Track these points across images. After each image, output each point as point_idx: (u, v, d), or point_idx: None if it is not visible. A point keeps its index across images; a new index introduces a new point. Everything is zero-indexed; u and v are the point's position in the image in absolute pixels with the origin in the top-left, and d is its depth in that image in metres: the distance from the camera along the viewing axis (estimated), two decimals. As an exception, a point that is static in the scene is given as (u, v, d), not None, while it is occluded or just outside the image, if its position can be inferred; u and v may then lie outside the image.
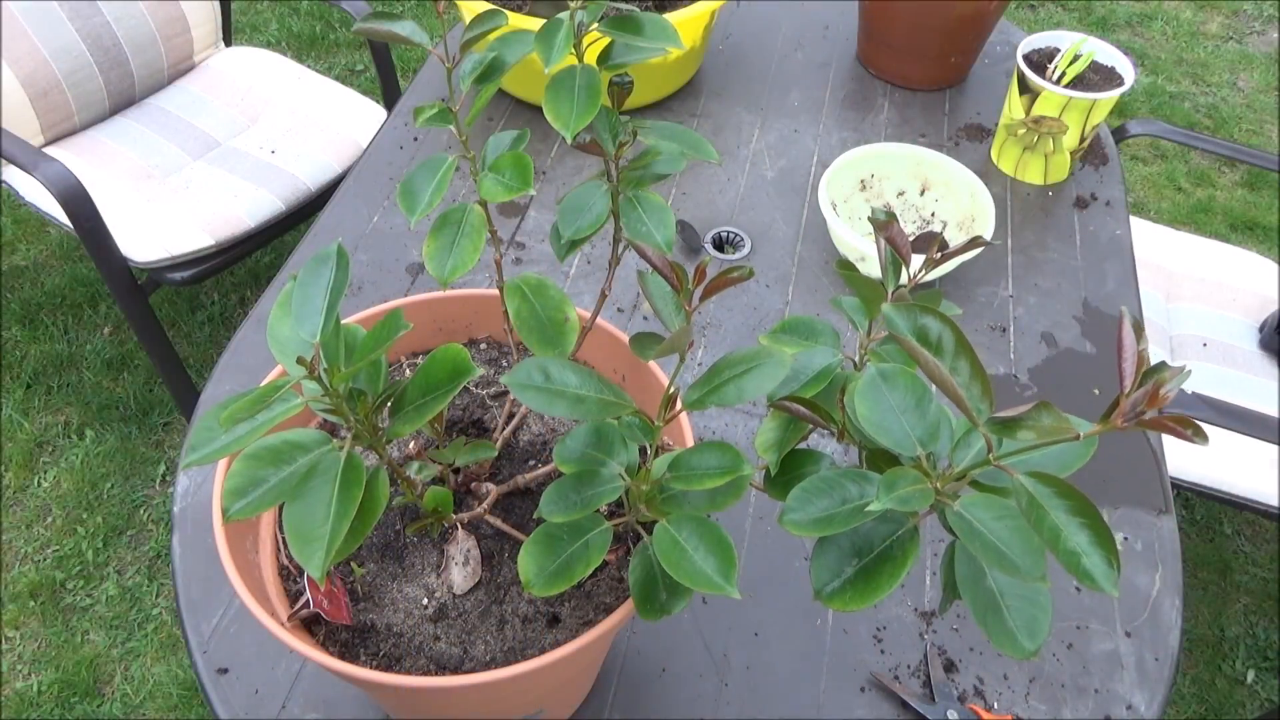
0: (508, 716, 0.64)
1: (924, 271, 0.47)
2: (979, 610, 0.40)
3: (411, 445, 0.64)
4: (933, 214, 1.18)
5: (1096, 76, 1.21)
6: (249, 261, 2.15)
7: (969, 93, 1.39)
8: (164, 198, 1.64)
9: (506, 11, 0.56)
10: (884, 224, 0.47)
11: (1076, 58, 1.20)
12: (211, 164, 1.72)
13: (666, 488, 0.49)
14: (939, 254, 0.46)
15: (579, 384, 0.49)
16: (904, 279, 0.47)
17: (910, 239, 0.43)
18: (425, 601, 0.61)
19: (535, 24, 1.10)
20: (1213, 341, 1.52)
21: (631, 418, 0.50)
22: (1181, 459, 1.36)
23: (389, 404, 0.45)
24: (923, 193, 1.18)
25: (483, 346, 0.76)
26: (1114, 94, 1.16)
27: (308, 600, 0.58)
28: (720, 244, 1.16)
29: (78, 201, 1.43)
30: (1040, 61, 1.22)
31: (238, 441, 0.39)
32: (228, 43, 1.97)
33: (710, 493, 0.48)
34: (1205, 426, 1.28)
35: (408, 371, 0.74)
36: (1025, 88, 1.18)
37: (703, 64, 1.41)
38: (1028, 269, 1.15)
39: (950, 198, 1.16)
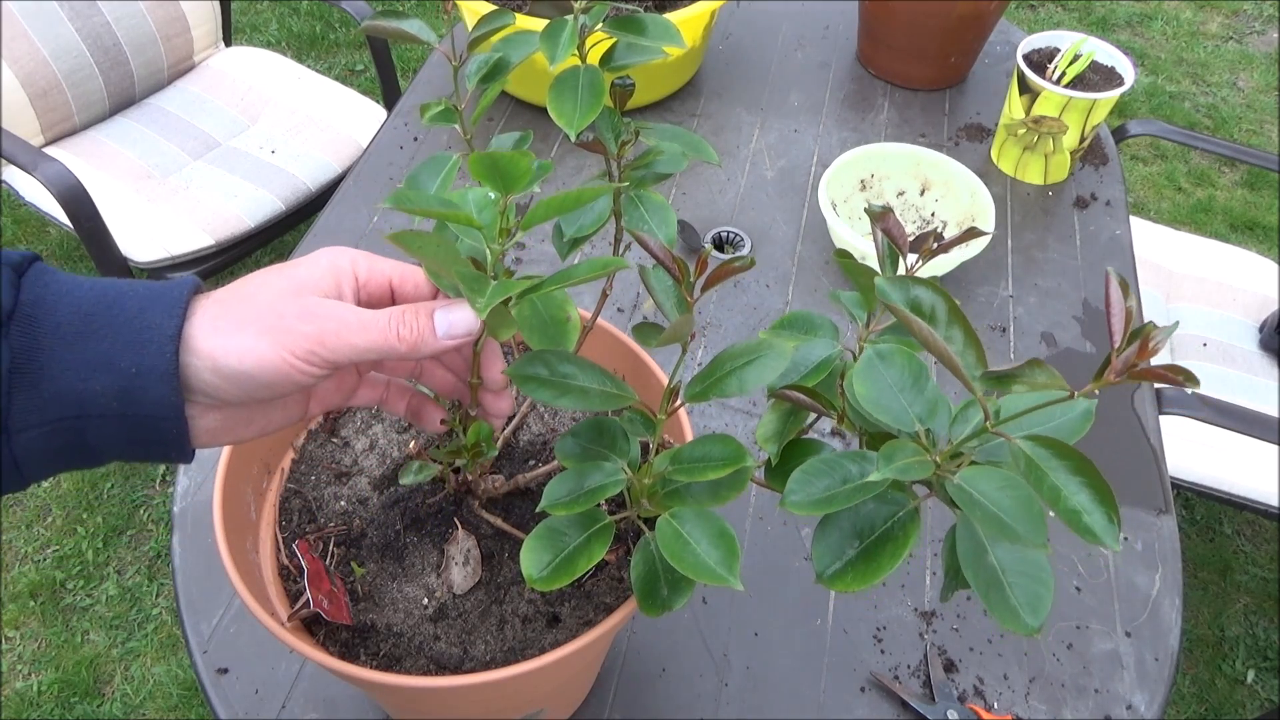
0: (508, 716, 0.64)
1: (920, 263, 0.47)
2: (982, 588, 0.40)
3: (412, 445, 0.64)
4: (933, 214, 1.18)
5: (1096, 76, 1.21)
6: (249, 261, 2.14)
7: (969, 93, 1.39)
8: (164, 198, 1.64)
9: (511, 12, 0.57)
10: (880, 215, 0.47)
11: (1076, 58, 1.20)
12: (211, 164, 1.72)
13: (669, 481, 0.49)
14: (935, 245, 0.46)
15: (582, 377, 0.49)
16: (901, 271, 0.47)
17: (910, 239, 0.43)
18: (425, 601, 0.61)
19: (538, 24, 1.10)
20: (1213, 341, 1.52)
21: (633, 412, 0.50)
22: (1181, 459, 1.36)
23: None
24: (923, 193, 1.18)
25: (483, 346, 0.76)
26: (1114, 94, 1.16)
27: (308, 600, 0.58)
28: (720, 244, 1.16)
29: (78, 201, 1.43)
30: (1040, 61, 1.22)
31: (425, 202, 0.44)
32: (228, 43, 1.97)
33: (713, 485, 0.48)
34: (1205, 427, 1.28)
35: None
36: (1025, 88, 1.19)
37: (703, 64, 1.41)
38: (1028, 269, 1.15)
39: (950, 198, 1.16)
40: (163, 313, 0.42)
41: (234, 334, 0.42)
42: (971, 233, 0.47)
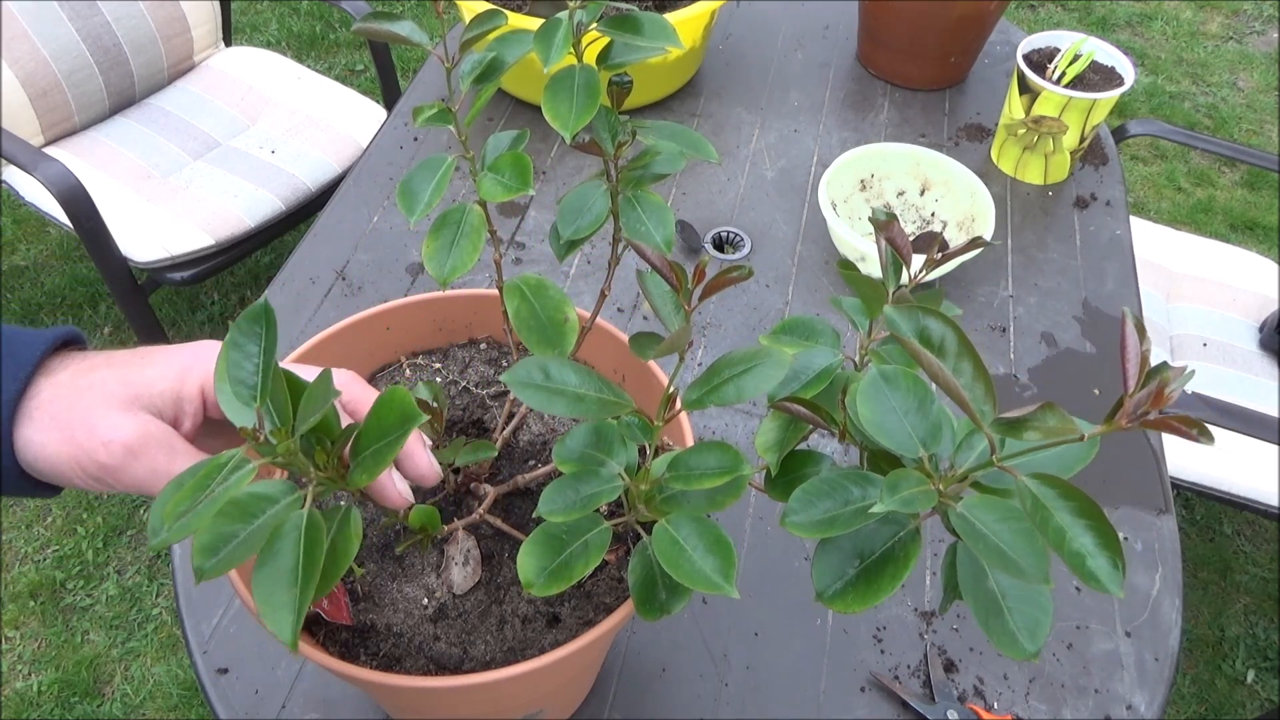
0: (508, 717, 0.64)
1: (924, 272, 0.47)
2: (980, 612, 0.39)
3: (411, 445, 0.64)
4: (933, 214, 1.18)
5: (1096, 76, 1.21)
6: (249, 261, 2.15)
7: (969, 93, 1.39)
8: (164, 198, 1.64)
9: (506, 11, 0.56)
10: (884, 224, 0.46)
11: (1076, 58, 1.20)
12: (211, 164, 1.72)
13: (666, 487, 0.49)
14: (939, 254, 0.46)
15: (578, 383, 0.49)
16: (905, 279, 0.47)
17: (910, 239, 0.43)
18: (425, 601, 0.61)
19: (535, 24, 1.10)
20: (1213, 341, 1.52)
21: (631, 417, 0.50)
22: (1181, 459, 1.36)
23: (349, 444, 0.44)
24: (923, 193, 1.18)
25: (483, 346, 0.76)
26: (1114, 94, 1.16)
27: (307, 600, 0.58)
28: (720, 244, 1.16)
29: (78, 201, 1.44)
30: (1040, 61, 1.22)
31: (197, 519, 0.37)
32: (228, 43, 1.97)
33: (709, 492, 0.48)
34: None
35: (408, 372, 0.74)
36: (1025, 88, 1.18)
37: (703, 64, 1.41)
38: (1028, 269, 1.14)
39: (950, 198, 1.16)
40: (9, 375, 0.44)
41: (43, 430, 0.44)
42: (975, 242, 0.47)
